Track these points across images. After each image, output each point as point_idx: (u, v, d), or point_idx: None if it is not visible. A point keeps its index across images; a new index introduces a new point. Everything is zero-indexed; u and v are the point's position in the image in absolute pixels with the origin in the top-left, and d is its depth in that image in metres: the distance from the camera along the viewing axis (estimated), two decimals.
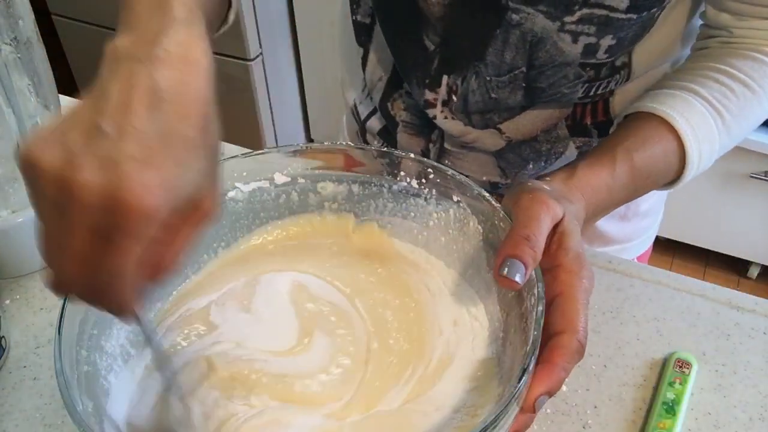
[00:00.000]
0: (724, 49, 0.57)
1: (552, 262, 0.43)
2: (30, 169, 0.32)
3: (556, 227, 0.44)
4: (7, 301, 0.60)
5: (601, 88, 0.62)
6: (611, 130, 0.62)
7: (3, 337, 0.55)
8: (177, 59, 0.33)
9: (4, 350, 0.55)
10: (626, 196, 0.53)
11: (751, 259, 1.91)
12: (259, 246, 0.55)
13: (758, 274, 1.95)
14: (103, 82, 0.33)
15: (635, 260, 0.79)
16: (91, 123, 0.32)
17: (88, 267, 0.32)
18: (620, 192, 0.52)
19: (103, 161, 0.31)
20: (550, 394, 0.39)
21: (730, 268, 1.99)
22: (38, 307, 0.60)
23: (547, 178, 0.50)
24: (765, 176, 1.67)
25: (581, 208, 0.49)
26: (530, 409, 0.38)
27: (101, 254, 0.31)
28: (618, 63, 0.60)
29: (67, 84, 2.20)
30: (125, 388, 0.45)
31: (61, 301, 0.41)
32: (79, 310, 0.43)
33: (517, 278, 0.40)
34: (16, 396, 0.53)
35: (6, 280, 0.62)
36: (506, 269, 0.41)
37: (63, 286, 0.34)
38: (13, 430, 0.50)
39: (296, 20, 1.86)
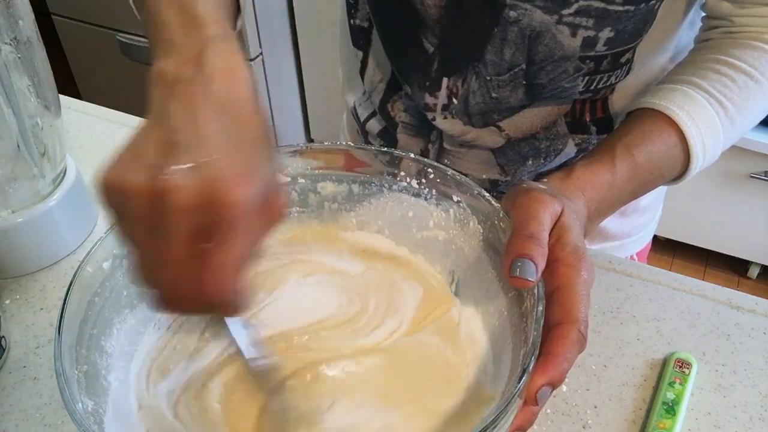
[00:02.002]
0: (725, 40, 0.57)
1: (550, 257, 0.43)
2: (117, 195, 0.32)
3: (554, 223, 0.44)
4: (7, 301, 0.60)
5: (602, 82, 0.62)
6: (614, 129, 0.62)
7: (3, 337, 0.55)
8: (224, 74, 0.35)
9: (4, 350, 0.55)
10: (631, 192, 0.53)
11: (751, 259, 1.91)
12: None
13: (758, 274, 1.95)
14: (161, 104, 0.34)
15: (635, 257, 0.79)
16: (163, 140, 0.33)
17: (194, 272, 0.33)
18: (623, 188, 0.52)
19: (188, 167, 0.32)
20: (553, 386, 0.38)
21: (730, 268, 1.99)
22: (38, 307, 0.60)
23: (545, 180, 0.50)
24: (765, 176, 1.68)
25: (582, 205, 0.48)
26: (532, 401, 0.38)
27: (209, 253, 0.32)
28: (622, 60, 0.60)
29: (67, 84, 2.22)
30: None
31: (61, 301, 0.41)
32: (79, 310, 0.43)
33: (530, 277, 0.40)
34: (16, 396, 0.53)
35: (6, 280, 0.62)
36: (518, 269, 0.40)
37: (172, 302, 0.34)
38: (13, 430, 0.50)
39: (296, 20, 1.86)
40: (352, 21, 0.69)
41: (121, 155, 0.33)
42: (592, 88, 0.62)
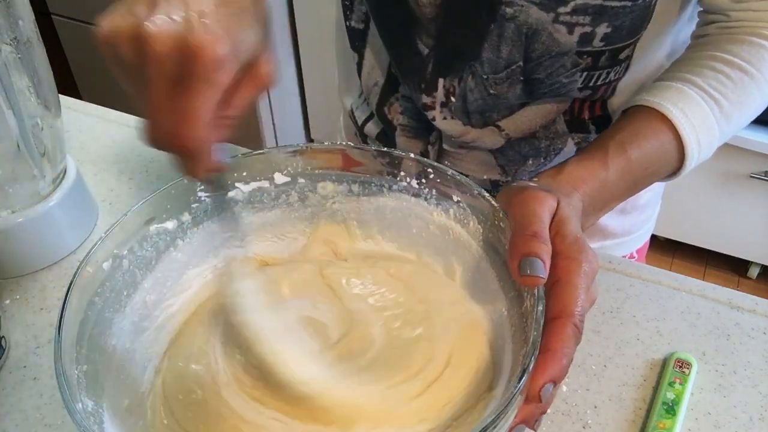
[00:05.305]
0: (721, 36, 0.57)
1: (551, 251, 0.43)
2: (108, 41, 0.36)
3: (552, 217, 0.44)
4: (7, 301, 0.60)
5: (601, 78, 0.62)
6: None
7: (3, 337, 0.55)
8: None
9: (4, 350, 0.55)
10: (625, 188, 0.53)
11: (751, 259, 1.91)
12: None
13: (758, 274, 1.95)
14: None
15: (635, 254, 0.80)
16: None
17: (171, 114, 0.36)
18: (617, 184, 0.52)
19: (171, 19, 0.35)
20: (555, 382, 0.38)
21: (730, 268, 1.99)
22: (38, 307, 0.60)
23: (535, 178, 0.50)
24: (765, 176, 1.68)
25: (576, 198, 0.48)
26: (535, 399, 0.38)
27: (179, 98, 0.35)
28: (621, 56, 0.60)
29: (67, 84, 2.21)
30: None
31: (61, 301, 0.41)
32: (79, 309, 0.43)
33: (541, 274, 0.40)
34: (16, 396, 0.53)
35: (6, 280, 0.62)
36: (527, 268, 0.40)
37: (152, 138, 0.37)
38: (13, 430, 0.50)
39: (296, 20, 1.86)
40: (348, 23, 0.69)
41: (115, 8, 0.37)
42: (591, 84, 0.62)
